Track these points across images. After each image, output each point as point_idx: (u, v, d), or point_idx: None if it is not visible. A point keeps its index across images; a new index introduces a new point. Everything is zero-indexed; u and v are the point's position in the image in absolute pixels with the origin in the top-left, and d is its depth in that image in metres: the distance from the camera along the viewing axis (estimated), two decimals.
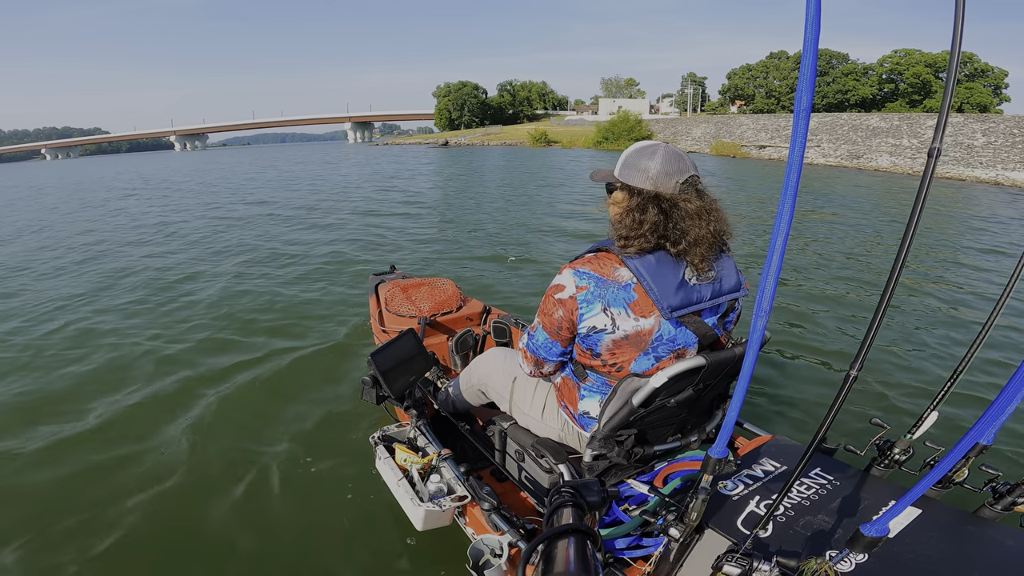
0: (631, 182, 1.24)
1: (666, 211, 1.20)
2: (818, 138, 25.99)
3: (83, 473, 2.29)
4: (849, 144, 24.15)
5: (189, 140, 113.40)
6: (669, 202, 1.20)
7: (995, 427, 0.77)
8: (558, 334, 1.32)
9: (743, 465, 1.33)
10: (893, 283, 0.68)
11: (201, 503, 2.10)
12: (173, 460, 2.35)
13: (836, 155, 23.34)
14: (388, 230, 7.80)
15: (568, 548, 0.83)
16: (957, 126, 21.43)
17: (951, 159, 19.21)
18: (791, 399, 2.84)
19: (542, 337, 1.35)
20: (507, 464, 1.72)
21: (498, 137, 50.61)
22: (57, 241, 7.83)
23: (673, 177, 1.21)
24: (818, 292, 4.67)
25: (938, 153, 0.63)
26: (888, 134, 23.83)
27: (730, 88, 57.20)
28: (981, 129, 20.61)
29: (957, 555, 1.01)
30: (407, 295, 2.89)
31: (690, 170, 1.22)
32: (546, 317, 1.32)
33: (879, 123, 25.46)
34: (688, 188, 1.21)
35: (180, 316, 4.21)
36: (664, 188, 1.21)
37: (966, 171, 17.74)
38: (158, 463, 2.33)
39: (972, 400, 2.77)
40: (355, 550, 1.86)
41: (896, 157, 21.05)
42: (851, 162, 22.04)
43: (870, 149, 22.72)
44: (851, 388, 0.74)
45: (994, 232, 7.76)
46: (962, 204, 11.04)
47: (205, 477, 2.25)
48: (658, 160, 1.22)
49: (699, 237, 1.19)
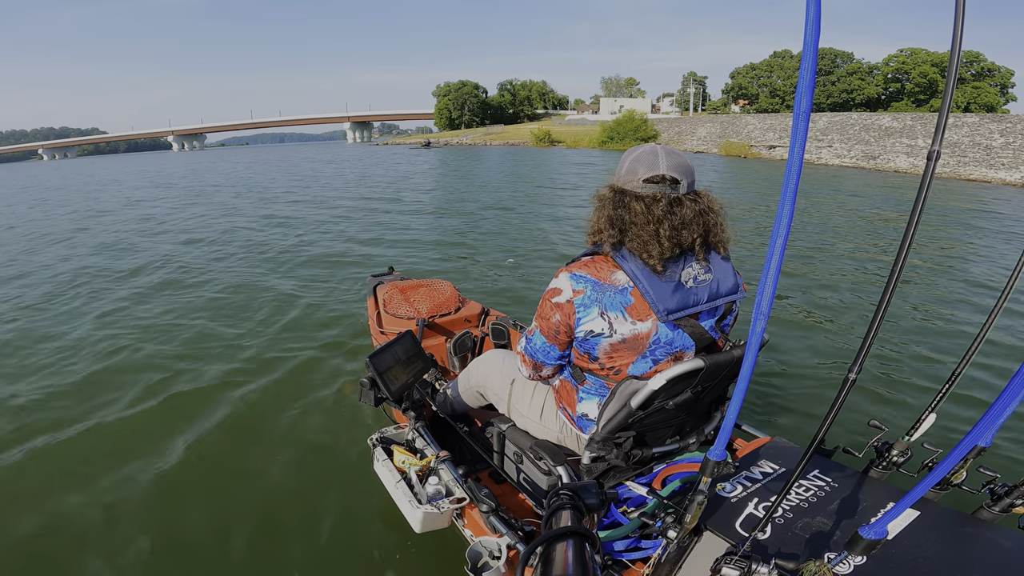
0: (612, 179, 1.28)
1: (625, 205, 1.21)
2: (829, 138, 25.59)
3: (77, 477, 2.27)
4: (862, 144, 23.78)
5: (187, 140, 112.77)
6: (628, 196, 1.21)
7: (994, 429, 0.77)
8: (556, 338, 1.32)
9: (742, 467, 1.32)
10: (893, 285, 0.68)
11: (197, 504, 2.09)
12: (169, 459, 2.34)
13: (851, 156, 23.00)
14: (387, 230, 7.79)
15: (567, 550, 0.83)
16: (974, 126, 21.19)
17: (971, 160, 18.90)
18: (789, 401, 2.84)
19: (540, 341, 1.35)
20: (505, 466, 1.71)
21: (500, 137, 50.38)
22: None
23: (638, 174, 1.21)
24: (817, 293, 4.69)
25: (937, 156, 0.63)
26: (902, 134, 23.49)
27: (733, 87, 56.98)
28: (998, 129, 20.37)
29: (955, 557, 1.01)
30: (405, 297, 2.89)
31: (661, 168, 1.19)
32: (543, 321, 1.32)
33: (891, 123, 25.01)
34: (655, 187, 1.19)
35: (177, 312, 4.19)
36: (627, 184, 1.22)
37: (990, 173, 17.46)
38: (155, 461, 2.33)
39: (971, 401, 2.78)
40: (352, 552, 1.85)
41: (914, 158, 20.86)
42: (868, 163, 21.71)
43: (885, 150, 22.42)
44: (850, 391, 0.74)
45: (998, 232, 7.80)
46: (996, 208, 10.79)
47: (201, 477, 2.24)
48: (632, 158, 1.24)
49: (650, 235, 1.18)
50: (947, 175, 18.10)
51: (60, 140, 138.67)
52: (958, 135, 20.95)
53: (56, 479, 2.26)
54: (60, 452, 2.45)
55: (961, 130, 21.26)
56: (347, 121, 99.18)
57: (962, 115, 23.42)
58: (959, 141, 20.50)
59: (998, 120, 21.44)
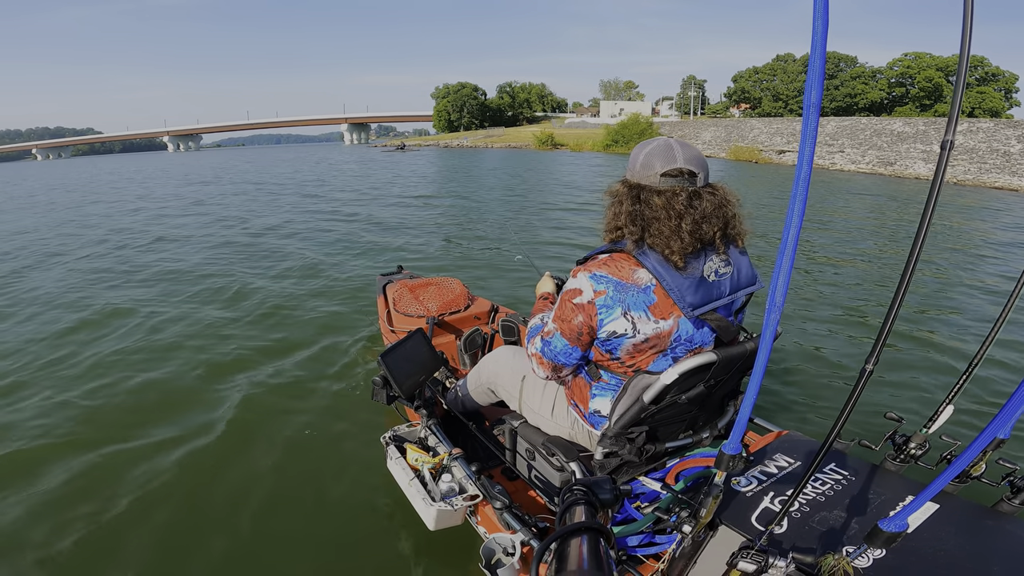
0: (625, 174, 1.27)
1: (644, 201, 1.19)
2: (840, 143, 24.99)
3: (101, 465, 2.33)
4: (876, 150, 23.12)
5: (183, 141, 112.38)
6: (647, 192, 1.20)
7: (1013, 420, 0.76)
8: (579, 339, 1.28)
9: (756, 461, 1.31)
10: (908, 276, 0.67)
11: (210, 502, 2.12)
12: (183, 457, 2.38)
13: (866, 161, 22.43)
14: (394, 230, 7.82)
15: (581, 546, 0.83)
16: (990, 131, 20.56)
17: (991, 167, 18.41)
18: (802, 394, 2.81)
19: (561, 344, 1.31)
20: (518, 463, 1.72)
21: (501, 139, 49.81)
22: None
23: (655, 168, 1.19)
24: (831, 285, 4.64)
25: (951, 146, 0.62)
26: (915, 139, 22.82)
27: (736, 91, 56.50)
28: (1015, 135, 19.76)
29: (976, 549, 1.00)
30: (415, 295, 2.90)
31: (678, 162, 1.17)
32: (564, 323, 1.28)
33: (903, 128, 24.23)
34: (673, 181, 1.18)
35: (197, 315, 4.25)
36: (644, 179, 1.21)
37: (1014, 180, 16.95)
38: (169, 456, 2.36)
39: (989, 393, 2.74)
40: (367, 550, 1.87)
41: (933, 164, 20.07)
42: (886, 169, 21.13)
43: (901, 156, 21.78)
44: (867, 382, 0.73)
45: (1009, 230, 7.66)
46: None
47: (215, 477, 2.27)
48: (646, 152, 1.22)
49: (671, 230, 1.16)
50: (971, 182, 17.64)
51: (55, 140, 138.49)
52: (974, 140, 20.35)
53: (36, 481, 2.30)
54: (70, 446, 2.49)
55: (977, 135, 20.59)
56: (344, 123, 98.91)
57: (976, 120, 22.72)
58: (976, 147, 19.90)
59: (1013, 126, 20.70)
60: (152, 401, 2.93)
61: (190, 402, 2.89)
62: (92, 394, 3.02)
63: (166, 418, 2.75)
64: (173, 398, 2.95)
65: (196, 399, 2.92)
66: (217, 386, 3.05)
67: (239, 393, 2.94)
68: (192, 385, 3.09)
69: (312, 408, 2.77)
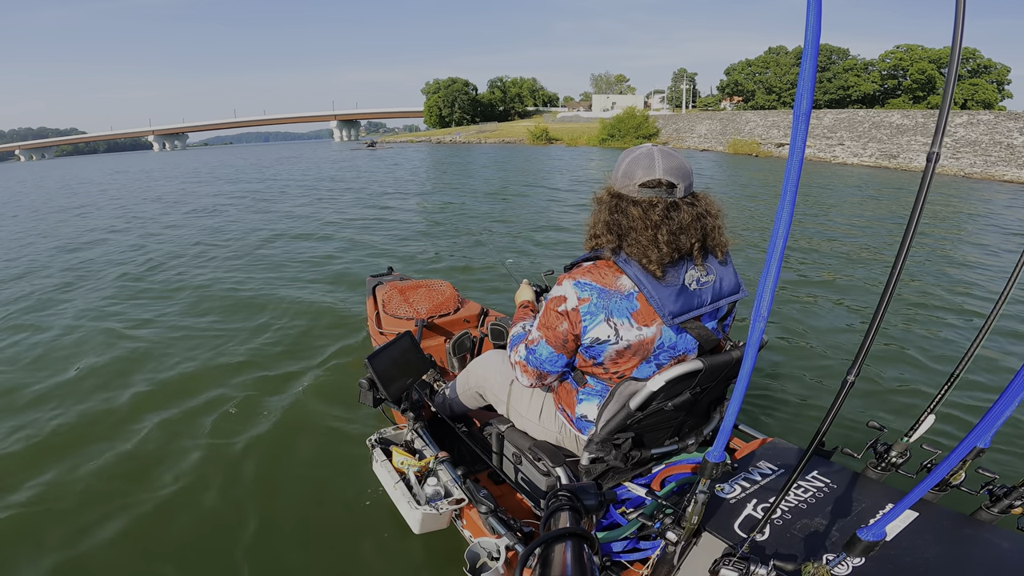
0: (609, 181, 1.28)
1: (622, 211, 1.20)
2: (839, 136, 24.72)
3: (65, 483, 2.27)
4: (876, 143, 22.95)
5: (168, 140, 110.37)
6: (625, 201, 1.21)
7: (993, 430, 0.77)
8: (564, 347, 1.29)
9: (740, 468, 1.32)
10: (892, 287, 0.68)
11: (194, 504, 2.09)
12: (171, 460, 2.34)
13: (867, 154, 22.14)
14: (384, 232, 7.79)
15: (565, 552, 0.83)
16: (991, 124, 20.38)
17: (995, 159, 18.19)
18: (788, 402, 2.84)
19: (547, 352, 1.32)
20: (504, 467, 1.71)
21: (495, 135, 49.46)
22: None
23: (635, 178, 1.19)
24: (816, 294, 4.69)
25: (937, 158, 0.63)
26: (915, 132, 22.57)
27: (729, 84, 56.48)
28: (1017, 128, 19.61)
29: (954, 558, 1.01)
30: (404, 297, 2.88)
31: (657, 172, 1.17)
32: (550, 331, 1.29)
33: (902, 120, 23.97)
34: (650, 192, 1.18)
35: (172, 318, 4.19)
36: (624, 188, 1.22)
37: (1021, 173, 16.68)
38: (157, 462, 2.32)
39: (970, 403, 2.78)
40: (351, 553, 1.85)
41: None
42: (890, 162, 20.77)
43: (902, 148, 21.55)
44: (849, 393, 0.74)
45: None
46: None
47: (200, 479, 2.24)
48: (628, 160, 1.22)
49: (648, 240, 1.17)
50: (978, 175, 17.40)
51: (38, 140, 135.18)
52: (975, 133, 20.20)
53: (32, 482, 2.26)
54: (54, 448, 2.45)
55: (978, 128, 20.47)
56: (333, 120, 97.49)
57: (976, 112, 22.69)
58: (978, 139, 19.72)
59: (1014, 118, 20.54)
60: (129, 407, 2.88)
61: (173, 404, 2.85)
62: (65, 405, 2.96)
63: (150, 421, 2.70)
64: (154, 401, 2.91)
65: (177, 402, 2.87)
66: (200, 389, 3.00)
67: (223, 396, 2.90)
68: (174, 388, 3.04)
69: (298, 410, 2.74)
